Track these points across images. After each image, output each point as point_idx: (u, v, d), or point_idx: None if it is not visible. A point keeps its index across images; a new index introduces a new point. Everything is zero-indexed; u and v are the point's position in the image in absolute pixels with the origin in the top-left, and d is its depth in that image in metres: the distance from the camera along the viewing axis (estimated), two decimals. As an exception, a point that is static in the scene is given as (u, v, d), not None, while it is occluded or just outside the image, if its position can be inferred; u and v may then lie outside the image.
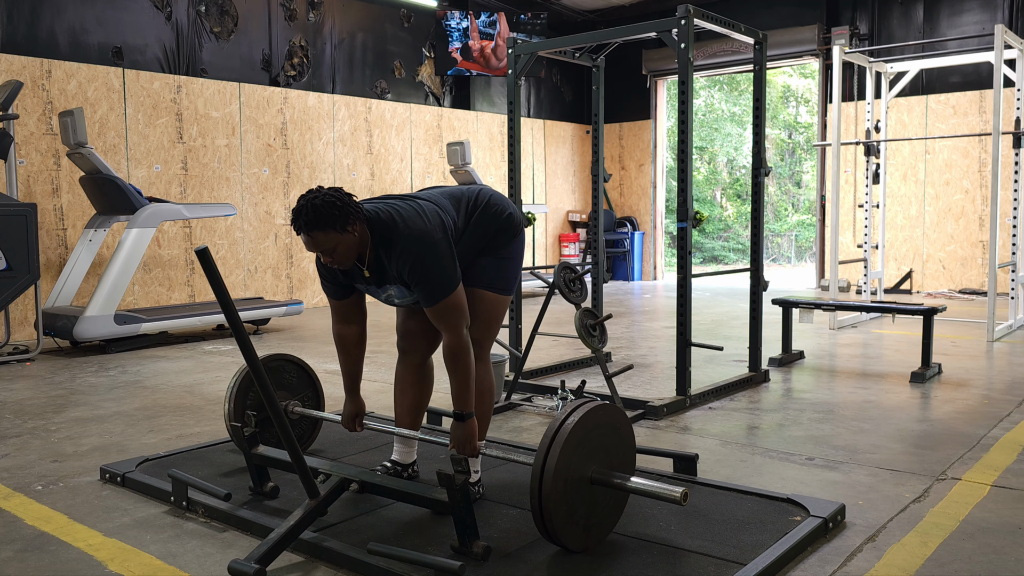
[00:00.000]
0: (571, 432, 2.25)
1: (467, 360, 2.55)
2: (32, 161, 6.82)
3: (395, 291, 2.67)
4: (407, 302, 2.71)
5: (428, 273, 2.50)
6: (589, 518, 2.35)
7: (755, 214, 4.86)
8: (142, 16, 7.61)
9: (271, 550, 2.28)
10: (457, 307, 2.55)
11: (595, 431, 2.34)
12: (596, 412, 2.35)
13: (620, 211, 12.59)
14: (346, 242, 2.46)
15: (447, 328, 2.55)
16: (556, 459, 2.21)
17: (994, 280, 6.28)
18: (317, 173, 8.97)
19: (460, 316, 2.55)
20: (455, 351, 2.54)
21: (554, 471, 2.20)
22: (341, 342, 2.83)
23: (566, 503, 2.25)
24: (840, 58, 7.00)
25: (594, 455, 2.34)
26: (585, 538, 2.34)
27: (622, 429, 2.45)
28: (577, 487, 2.29)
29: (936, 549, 2.43)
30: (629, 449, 2.49)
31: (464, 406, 2.56)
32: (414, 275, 2.52)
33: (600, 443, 2.36)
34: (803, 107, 23.53)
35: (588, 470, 2.32)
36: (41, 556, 2.45)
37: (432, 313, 2.55)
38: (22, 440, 3.73)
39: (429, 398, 2.98)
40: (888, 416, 4.04)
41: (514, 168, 4.92)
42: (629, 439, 2.49)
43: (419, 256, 2.50)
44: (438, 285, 2.51)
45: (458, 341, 2.54)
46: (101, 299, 6.00)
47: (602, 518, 2.40)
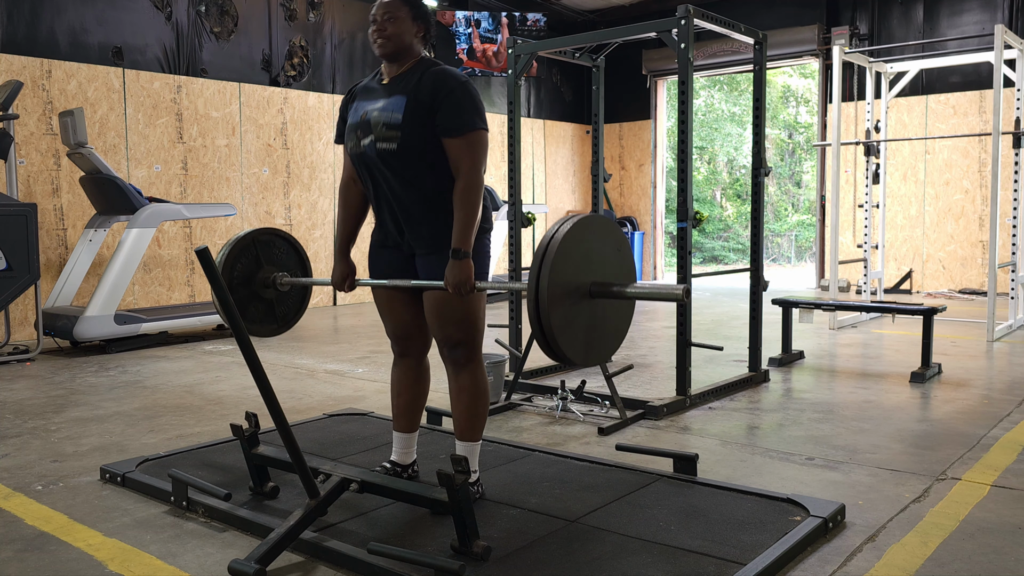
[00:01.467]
0: (564, 239, 2.22)
1: (478, 199, 2.54)
2: (32, 161, 6.83)
3: (388, 103, 2.58)
4: (383, 121, 2.57)
5: (464, 98, 2.54)
6: (591, 330, 2.31)
7: (755, 214, 4.87)
8: (142, 16, 7.61)
9: (271, 550, 2.28)
10: (485, 145, 2.57)
11: (589, 241, 2.31)
12: (588, 221, 2.32)
13: (620, 211, 12.59)
14: (406, 28, 2.61)
15: (472, 162, 2.54)
16: (550, 267, 2.17)
17: (994, 280, 6.28)
18: (317, 173, 8.97)
19: (484, 153, 2.57)
20: (472, 186, 2.53)
21: (548, 278, 2.16)
22: (345, 198, 2.82)
23: (563, 311, 2.21)
24: (840, 58, 7.00)
25: (590, 266, 2.31)
26: (585, 351, 2.31)
27: (616, 240, 2.42)
28: (575, 297, 2.25)
29: (936, 549, 2.43)
30: (627, 259, 2.45)
31: (463, 243, 2.51)
32: (450, 92, 2.53)
33: (596, 253, 2.34)
34: (803, 107, 23.53)
35: (586, 281, 2.29)
36: (41, 556, 2.45)
37: (462, 142, 2.53)
38: (22, 440, 3.73)
39: (426, 399, 2.97)
40: (888, 416, 4.05)
41: (514, 168, 4.92)
42: (625, 249, 2.45)
43: (460, 81, 2.57)
44: (472, 112, 2.54)
45: (477, 178, 2.54)
46: (101, 299, 6.00)
47: (604, 330, 2.36)
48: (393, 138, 2.56)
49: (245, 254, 2.93)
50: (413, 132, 2.54)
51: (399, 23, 2.58)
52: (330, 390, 4.76)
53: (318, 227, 8.99)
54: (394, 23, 2.58)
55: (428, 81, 2.56)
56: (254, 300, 3.03)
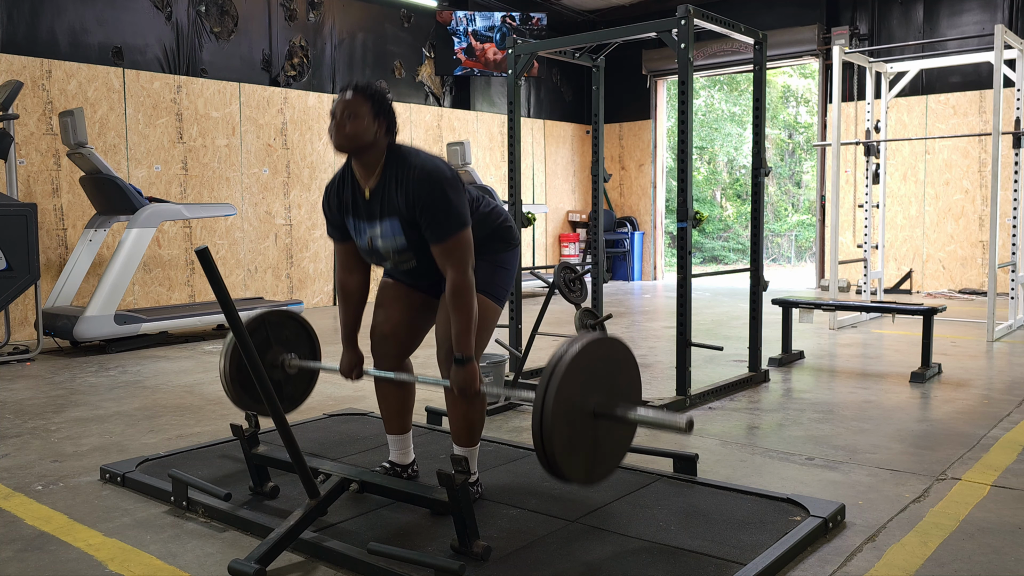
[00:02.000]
0: (572, 361, 2.19)
1: (470, 300, 2.50)
2: (32, 161, 6.83)
3: (384, 229, 2.59)
4: (390, 247, 2.62)
5: (440, 204, 2.48)
6: (593, 451, 2.29)
7: (755, 214, 4.86)
8: (142, 16, 7.61)
9: (271, 550, 2.28)
10: (466, 244, 2.52)
11: (598, 363, 2.29)
12: (597, 344, 2.30)
13: (620, 211, 12.59)
14: (366, 125, 2.51)
15: (454, 265, 2.50)
16: (556, 388, 2.15)
17: (994, 280, 6.28)
18: (317, 173, 8.97)
19: (468, 254, 2.52)
20: (460, 288, 2.49)
21: (554, 399, 2.14)
22: (343, 290, 2.83)
23: (566, 433, 2.19)
24: (840, 58, 7.00)
25: (597, 387, 2.29)
26: (587, 471, 2.29)
27: (624, 361, 2.39)
28: (579, 418, 2.23)
29: (936, 549, 2.43)
30: (634, 381, 2.43)
31: (464, 349, 2.50)
32: (427, 206, 2.48)
33: (603, 375, 2.31)
34: (803, 107, 23.53)
35: (591, 402, 2.27)
36: (41, 556, 2.45)
37: (441, 250, 2.51)
38: (22, 440, 3.73)
39: (414, 398, 2.95)
40: (888, 416, 4.04)
41: (514, 168, 4.92)
42: (633, 371, 2.42)
43: (433, 185, 2.49)
44: (450, 218, 2.49)
45: (464, 279, 2.50)
46: (101, 299, 6.00)
47: (607, 452, 2.35)
48: (409, 259, 2.65)
49: (255, 335, 2.95)
50: (422, 246, 2.59)
51: (358, 121, 2.49)
52: (330, 390, 4.76)
53: (318, 227, 8.99)
54: (354, 121, 2.49)
55: (404, 194, 2.52)
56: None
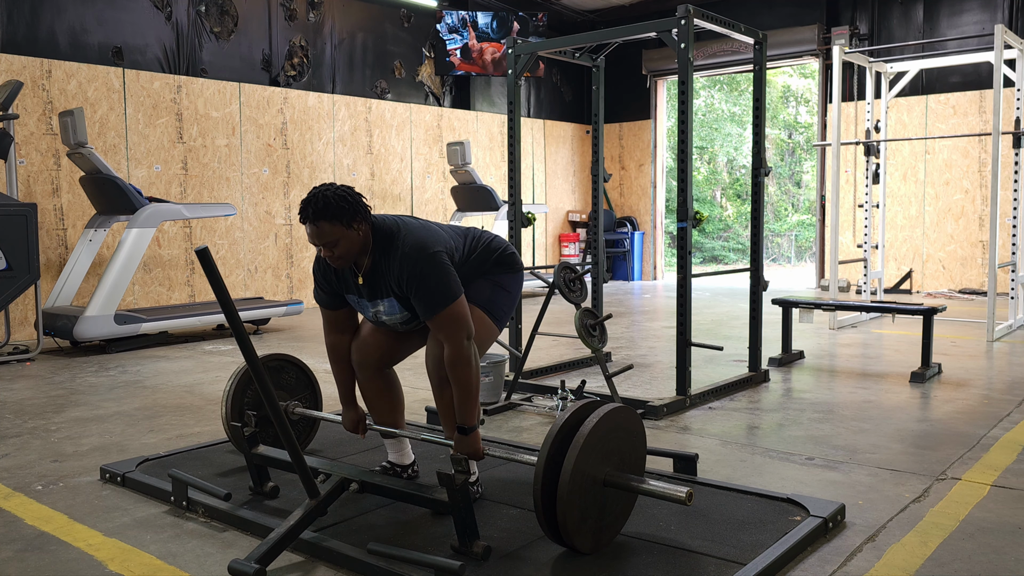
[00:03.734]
0: (589, 434, 2.24)
1: (468, 372, 2.51)
2: (32, 161, 6.82)
3: (385, 306, 2.64)
4: (396, 320, 2.68)
5: (427, 283, 2.50)
6: (600, 519, 2.34)
7: (755, 214, 4.86)
8: (142, 16, 7.61)
9: (271, 550, 2.28)
10: (458, 317, 2.52)
11: (611, 433, 2.34)
12: (613, 415, 2.34)
13: (620, 211, 12.59)
14: (349, 238, 2.49)
15: (447, 339, 2.51)
16: (574, 461, 2.19)
17: (994, 280, 6.28)
18: (317, 173, 8.97)
19: (461, 327, 2.52)
20: (455, 362, 2.51)
21: (571, 472, 2.18)
22: (334, 352, 2.82)
23: (580, 505, 2.24)
24: (840, 58, 7.00)
25: (609, 457, 2.34)
26: (595, 540, 2.34)
27: (635, 432, 2.45)
28: (591, 489, 2.28)
29: (936, 549, 2.43)
30: (640, 451, 2.48)
31: (466, 419, 2.52)
32: (412, 284, 2.51)
33: (615, 446, 2.36)
34: (803, 107, 23.52)
35: (602, 472, 2.32)
36: (41, 556, 2.45)
37: (433, 325, 2.54)
38: (22, 440, 3.73)
39: (403, 399, 2.95)
40: (888, 416, 4.04)
41: (514, 168, 4.92)
42: (641, 441, 2.49)
43: (415, 266, 2.50)
44: (437, 295, 2.50)
45: (459, 352, 2.50)
46: (101, 299, 6.00)
47: (612, 519, 2.40)
48: (415, 324, 2.73)
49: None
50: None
51: (339, 237, 2.48)
52: (330, 390, 4.75)
53: (318, 227, 8.98)
54: (338, 244, 2.49)
55: (395, 275, 2.55)
56: (264, 426, 3.09)
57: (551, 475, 2.25)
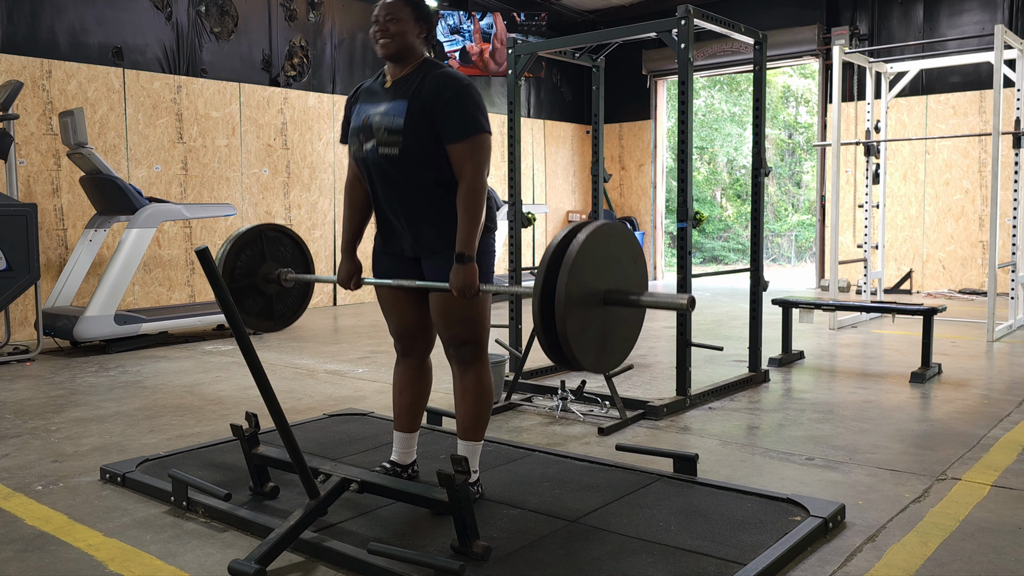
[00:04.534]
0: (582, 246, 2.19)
1: (482, 202, 2.54)
2: (32, 161, 6.83)
3: (391, 107, 2.59)
4: (384, 126, 2.58)
5: (466, 103, 2.53)
6: (603, 337, 2.29)
7: (755, 214, 4.87)
8: (142, 16, 7.61)
9: (271, 550, 2.28)
10: (487, 148, 2.57)
11: (609, 248, 2.29)
12: (605, 229, 2.29)
13: (620, 211, 12.59)
14: (409, 29, 2.61)
15: (475, 165, 2.53)
16: (567, 275, 2.14)
17: (994, 280, 6.28)
18: (317, 173, 8.97)
19: (487, 158, 2.57)
20: (475, 190, 2.53)
21: (567, 283, 2.13)
22: (350, 195, 2.83)
23: (578, 317, 2.19)
24: (840, 58, 7.00)
25: (607, 273, 2.29)
26: (596, 357, 2.29)
27: (632, 251, 2.40)
28: (590, 303, 2.23)
29: (936, 549, 2.43)
30: (642, 270, 2.43)
31: (467, 248, 2.52)
32: (451, 99, 2.52)
33: (612, 259, 2.32)
34: (803, 107, 23.53)
35: (601, 286, 2.27)
36: (41, 556, 2.45)
37: (464, 147, 2.53)
38: (22, 440, 3.73)
39: (427, 398, 2.97)
40: (888, 416, 4.04)
41: (514, 168, 4.92)
42: (640, 259, 2.43)
43: (463, 87, 2.56)
44: (478, 118, 2.54)
45: (481, 181, 2.54)
46: (101, 299, 6.00)
47: (616, 340, 2.35)
48: (395, 143, 2.57)
49: (250, 246, 2.93)
50: (415, 137, 2.55)
51: (401, 23, 2.58)
52: (330, 390, 4.76)
53: (318, 227, 9.00)
54: (396, 23, 2.58)
55: (430, 85, 2.56)
56: (253, 293, 3.04)
57: (549, 291, 2.20)
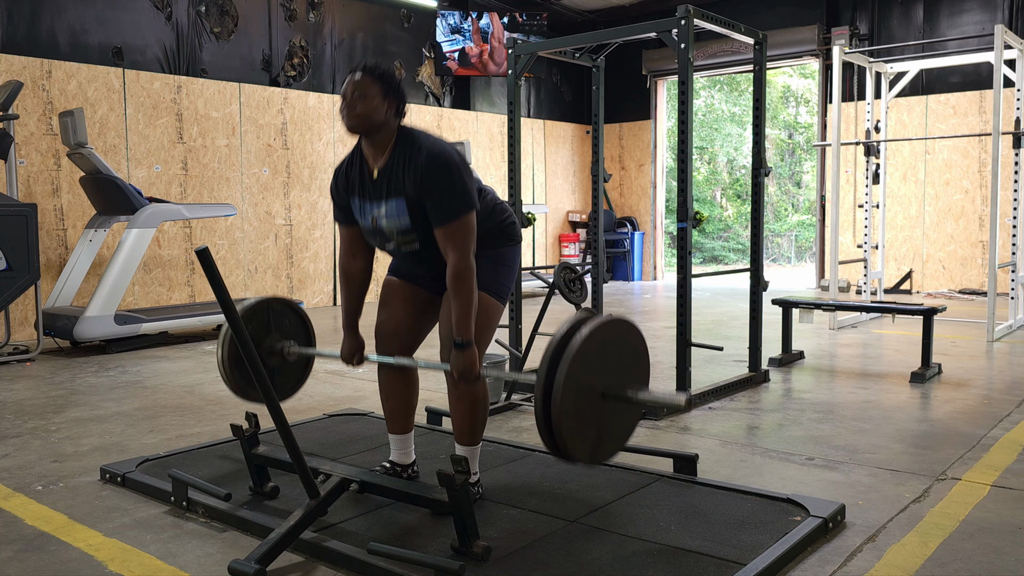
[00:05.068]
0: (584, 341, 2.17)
1: (471, 284, 2.52)
2: (32, 161, 6.82)
3: (389, 208, 2.60)
4: (394, 227, 2.62)
5: (446, 186, 2.50)
6: (599, 431, 2.28)
7: (755, 214, 4.86)
8: (142, 16, 7.61)
9: (271, 550, 2.28)
10: (470, 228, 2.53)
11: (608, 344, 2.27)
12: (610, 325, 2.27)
13: (620, 211, 12.59)
14: (377, 105, 2.54)
15: (457, 248, 2.51)
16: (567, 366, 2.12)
17: (994, 280, 6.28)
18: (317, 173, 8.97)
19: (471, 238, 2.53)
20: (461, 272, 2.50)
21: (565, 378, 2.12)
22: (346, 274, 2.84)
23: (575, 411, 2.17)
24: (840, 58, 7.00)
25: (608, 369, 2.27)
26: (592, 451, 2.27)
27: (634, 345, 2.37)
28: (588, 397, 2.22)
29: (936, 549, 2.43)
30: (643, 367, 2.40)
31: (464, 333, 2.51)
32: (432, 186, 2.50)
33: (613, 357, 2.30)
34: (803, 107, 23.53)
35: (601, 383, 2.25)
36: (41, 556, 2.45)
37: (444, 232, 2.52)
38: (22, 440, 3.73)
39: (416, 399, 2.95)
40: (888, 416, 4.04)
41: (514, 168, 4.92)
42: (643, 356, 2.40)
43: (441, 166, 2.52)
44: (455, 200, 2.50)
45: (465, 263, 2.51)
46: (101, 299, 6.00)
47: (612, 434, 2.33)
48: (412, 240, 2.64)
49: (257, 318, 2.95)
50: (427, 226, 2.58)
51: (369, 100, 2.52)
52: (330, 390, 4.76)
53: (318, 227, 9.00)
54: (364, 101, 2.52)
55: (412, 173, 2.53)
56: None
57: (550, 384, 2.18)
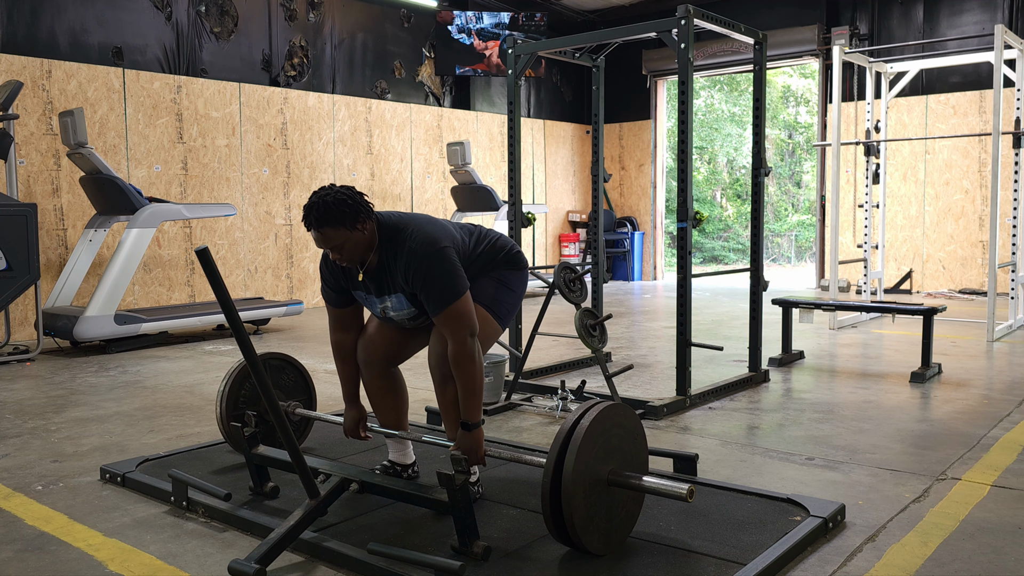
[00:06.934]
0: (587, 430, 2.23)
1: (472, 368, 2.52)
2: (32, 161, 6.82)
3: (393, 302, 2.66)
4: (404, 316, 2.70)
5: (434, 278, 2.51)
6: (609, 519, 2.33)
7: (755, 214, 4.86)
8: (142, 16, 7.61)
9: (271, 550, 2.28)
10: (464, 314, 2.53)
11: (609, 431, 2.33)
12: (609, 412, 2.34)
13: (620, 211, 12.59)
14: (355, 239, 2.51)
15: (452, 333, 2.53)
16: (574, 460, 2.18)
17: (994, 280, 6.28)
18: (317, 173, 8.97)
19: (465, 323, 2.53)
20: (460, 359, 2.52)
21: (572, 470, 2.17)
22: (339, 350, 2.85)
23: (585, 503, 2.23)
24: (840, 58, 6.99)
25: (610, 456, 2.33)
26: (605, 540, 2.33)
27: (633, 429, 2.44)
28: (595, 487, 2.28)
29: (936, 549, 2.43)
30: (642, 450, 2.48)
31: (470, 416, 2.53)
32: (420, 280, 2.52)
33: (615, 444, 2.36)
34: (803, 107, 23.52)
35: (605, 470, 2.31)
36: (41, 556, 2.45)
37: (439, 321, 2.55)
38: (22, 440, 3.73)
39: (407, 399, 2.96)
40: (888, 416, 4.04)
41: (514, 168, 4.92)
42: (641, 439, 2.48)
43: (426, 259, 2.52)
44: (445, 290, 2.51)
45: (463, 349, 2.52)
46: (101, 299, 6.00)
47: (621, 519, 2.39)
48: (423, 320, 2.74)
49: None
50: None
51: (345, 240, 2.50)
52: (330, 390, 4.76)
53: (318, 227, 8.98)
54: (342, 244, 2.50)
55: (401, 273, 2.56)
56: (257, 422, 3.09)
57: (558, 476, 2.24)
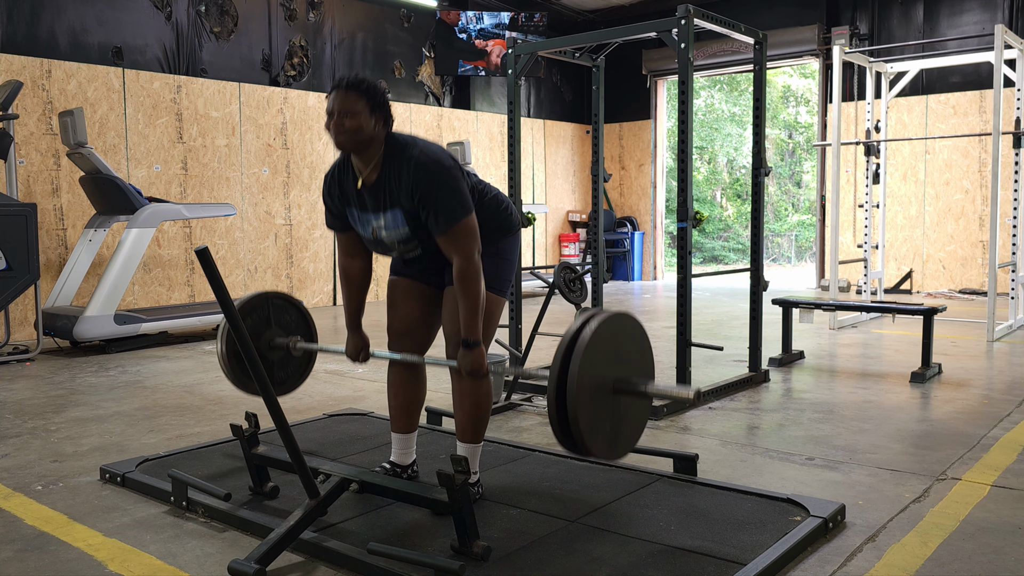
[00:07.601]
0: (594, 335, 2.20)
1: (477, 285, 2.52)
2: (32, 161, 6.82)
3: (388, 220, 2.60)
4: (395, 238, 2.64)
5: (441, 195, 2.49)
6: (616, 426, 2.30)
7: (755, 214, 4.86)
8: (142, 16, 7.61)
9: (271, 550, 2.28)
10: (470, 230, 2.53)
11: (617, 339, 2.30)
12: (617, 319, 2.31)
13: (620, 211, 12.59)
14: (364, 122, 2.51)
15: (460, 251, 2.51)
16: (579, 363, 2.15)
17: (994, 280, 6.28)
18: (317, 173, 8.97)
19: (473, 240, 2.53)
20: (466, 274, 2.51)
21: (578, 374, 2.14)
22: (345, 274, 2.85)
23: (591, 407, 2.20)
24: (840, 58, 6.99)
25: (617, 363, 2.30)
26: (610, 447, 2.30)
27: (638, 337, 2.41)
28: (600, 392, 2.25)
29: (936, 549, 2.43)
30: (648, 359, 2.44)
31: (472, 333, 2.53)
32: (426, 196, 2.49)
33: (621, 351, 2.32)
34: (803, 107, 23.53)
35: (611, 376, 2.28)
36: (41, 556, 2.45)
37: (445, 239, 2.53)
38: (22, 440, 3.73)
39: (424, 399, 2.97)
40: (888, 416, 4.04)
41: (514, 168, 4.92)
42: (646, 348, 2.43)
43: (432, 176, 2.50)
44: (452, 207, 2.50)
45: (469, 264, 2.51)
46: (101, 299, 6.00)
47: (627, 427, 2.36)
48: (414, 247, 2.66)
49: (257, 312, 2.95)
50: (426, 233, 2.59)
51: (357, 118, 2.50)
52: (330, 390, 4.76)
53: (318, 227, 8.99)
54: (352, 118, 2.49)
55: (405, 184, 2.53)
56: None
57: (563, 383, 2.21)
